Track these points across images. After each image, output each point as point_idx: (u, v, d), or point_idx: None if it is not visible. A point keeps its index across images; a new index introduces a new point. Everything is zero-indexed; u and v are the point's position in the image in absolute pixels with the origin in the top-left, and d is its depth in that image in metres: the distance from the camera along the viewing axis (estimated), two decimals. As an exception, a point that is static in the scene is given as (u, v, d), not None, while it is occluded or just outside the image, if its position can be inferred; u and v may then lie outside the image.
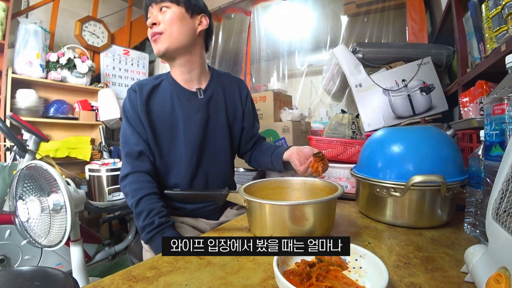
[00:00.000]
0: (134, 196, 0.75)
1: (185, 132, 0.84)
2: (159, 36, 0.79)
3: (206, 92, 0.88)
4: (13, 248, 1.47)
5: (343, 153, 1.12)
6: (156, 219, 0.71)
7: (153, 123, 0.83)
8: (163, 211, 0.73)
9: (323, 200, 0.51)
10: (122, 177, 0.80)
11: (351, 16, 2.48)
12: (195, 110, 0.85)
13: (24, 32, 2.06)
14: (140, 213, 0.73)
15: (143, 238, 0.72)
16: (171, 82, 0.87)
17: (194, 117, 0.85)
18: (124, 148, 0.83)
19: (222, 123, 0.90)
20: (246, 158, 1.03)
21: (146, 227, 0.71)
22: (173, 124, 0.84)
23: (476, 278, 0.35)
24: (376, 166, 0.65)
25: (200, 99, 0.87)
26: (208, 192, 0.61)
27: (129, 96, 0.84)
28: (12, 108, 2.07)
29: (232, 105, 0.94)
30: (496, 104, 0.43)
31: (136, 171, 0.79)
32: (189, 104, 0.85)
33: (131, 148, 0.81)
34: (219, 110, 0.90)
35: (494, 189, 0.35)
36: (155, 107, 0.83)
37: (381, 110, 1.40)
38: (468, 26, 1.07)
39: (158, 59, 3.17)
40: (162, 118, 0.83)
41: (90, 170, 1.92)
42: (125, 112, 0.84)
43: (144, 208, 0.73)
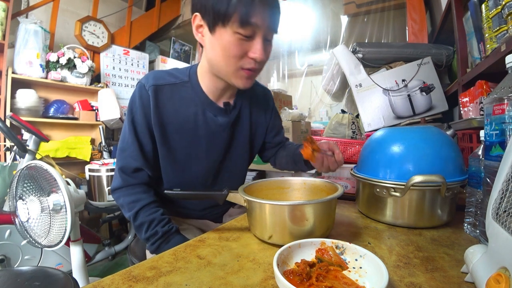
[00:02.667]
0: (131, 209, 0.69)
1: (206, 153, 0.76)
2: (256, 72, 0.67)
3: (234, 108, 0.79)
4: (13, 248, 1.47)
5: (343, 153, 1.12)
6: (159, 229, 0.67)
7: (167, 137, 0.72)
8: (165, 219, 0.69)
9: (323, 200, 0.51)
10: (113, 189, 0.72)
11: (351, 16, 2.48)
12: (221, 129, 0.76)
13: (24, 32, 2.07)
14: (141, 226, 0.68)
15: (149, 248, 0.68)
16: (197, 91, 0.74)
17: (219, 138, 0.76)
18: (119, 159, 0.72)
19: (245, 140, 0.83)
20: (272, 163, 0.96)
21: (150, 238, 0.67)
22: (193, 142, 0.74)
23: (476, 278, 0.35)
24: (376, 166, 0.65)
25: (227, 117, 0.77)
26: (208, 192, 0.61)
27: (140, 96, 0.70)
28: (12, 108, 2.07)
29: (256, 120, 0.85)
30: (496, 104, 0.43)
31: (128, 185, 0.71)
32: (215, 122, 0.75)
33: (127, 162, 0.70)
34: (245, 128, 0.82)
35: (494, 189, 0.35)
36: (173, 119, 0.72)
37: (381, 110, 1.40)
38: (468, 26, 1.07)
39: (158, 59, 3.18)
40: (180, 134, 0.73)
41: (90, 170, 1.93)
42: (132, 114, 0.71)
43: (144, 220, 0.68)
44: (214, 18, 0.60)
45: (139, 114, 0.70)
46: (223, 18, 0.59)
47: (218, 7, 0.59)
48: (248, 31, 0.60)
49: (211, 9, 0.60)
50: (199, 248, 0.52)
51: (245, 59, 0.63)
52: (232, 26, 0.59)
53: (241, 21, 0.58)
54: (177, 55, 3.50)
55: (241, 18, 0.58)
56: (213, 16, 0.60)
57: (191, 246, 0.53)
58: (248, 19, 0.58)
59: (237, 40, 0.61)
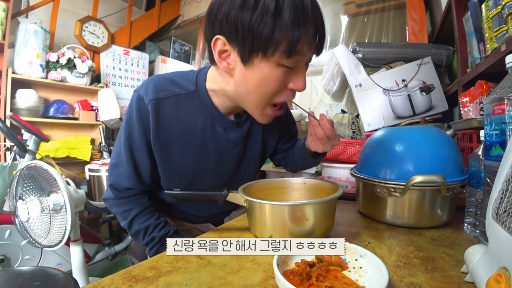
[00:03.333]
0: (125, 218, 0.66)
1: (215, 170, 0.69)
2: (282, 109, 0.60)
3: (246, 121, 0.70)
4: (13, 248, 1.47)
5: (343, 153, 1.12)
6: (156, 234, 0.65)
7: (171, 156, 0.65)
8: (160, 223, 0.67)
9: (323, 200, 0.51)
10: (105, 199, 0.69)
11: (351, 16, 2.48)
12: (232, 145, 0.69)
13: (24, 32, 2.06)
14: (137, 234, 0.66)
15: (148, 253, 0.67)
16: (205, 103, 0.64)
17: (230, 154, 0.69)
18: (111, 174, 0.67)
19: (257, 153, 0.75)
20: (283, 166, 0.91)
21: (149, 243, 0.66)
22: (201, 161, 0.67)
23: (476, 278, 0.35)
24: (376, 166, 0.65)
25: (239, 130, 0.69)
26: (208, 193, 0.61)
27: (138, 111, 0.61)
28: (12, 108, 2.07)
29: (270, 129, 0.77)
30: (496, 104, 0.43)
31: (120, 198, 0.67)
32: (226, 137, 0.67)
33: (119, 180, 0.65)
34: (257, 141, 0.74)
35: (494, 189, 0.35)
36: (178, 137, 0.63)
37: (381, 110, 1.40)
38: (468, 26, 1.07)
39: (158, 59, 3.18)
40: (186, 152, 0.65)
41: (90, 170, 1.93)
42: (128, 128, 0.63)
43: (140, 228, 0.65)
44: (252, 47, 0.47)
45: (137, 130, 0.62)
46: (267, 48, 0.47)
47: (259, 32, 0.46)
48: (295, 61, 0.50)
49: (248, 34, 0.46)
50: (199, 248, 0.52)
51: (284, 91, 0.54)
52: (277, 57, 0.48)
53: (289, 52, 0.47)
54: (177, 55, 3.50)
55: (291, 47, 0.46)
56: (251, 43, 0.47)
57: (191, 246, 0.53)
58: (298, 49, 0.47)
59: (281, 73, 0.50)
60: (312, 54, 0.53)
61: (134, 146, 0.63)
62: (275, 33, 0.45)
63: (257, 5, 0.45)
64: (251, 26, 0.46)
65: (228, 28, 0.48)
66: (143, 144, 0.63)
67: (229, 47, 0.51)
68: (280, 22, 0.45)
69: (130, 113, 0.63)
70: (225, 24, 0.48)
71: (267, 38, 0.46)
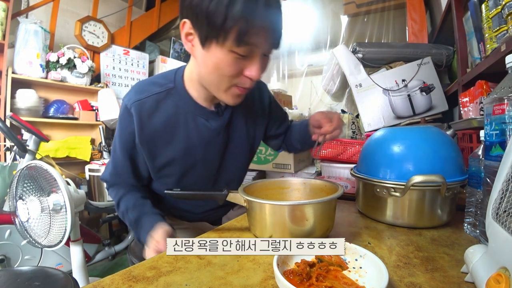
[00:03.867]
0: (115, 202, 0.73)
1: (203, 160, 0.72)
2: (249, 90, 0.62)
3: (227, 109, 0.72)
4: (13, 248, 1.47)
5: (343, 153, 1.12)
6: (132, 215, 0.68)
7: (158, 153, 0.68)
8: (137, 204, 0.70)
9: (323, 200, 0.51)
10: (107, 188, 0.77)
11: (351, 16, 2.48)
12: (215, 134, 0.71)
13: (24, 32, 2.06)
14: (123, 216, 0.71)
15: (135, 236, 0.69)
16: (184, 97, 0.68)
17: (214, 143, 0.72)
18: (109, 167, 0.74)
19: (243, 141, 0.78)
20: (284, 149, 0.94)
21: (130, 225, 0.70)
22: (188, 153, 0.70)
23: (476, 278, 0.35)
24: (376, 166, 0.65)
25: (220, 119, 0.71)
26: (208, 192, 0.61)
27: (122, 120, 0.67)
28: (12, 108, 2.07)
29: (254, 119, 0.80)
30: (496, 104, 0.43)
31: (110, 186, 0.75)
32: (208, 127, 0.70)
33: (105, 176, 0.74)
34: (240, 128, 0.76)
35: (494, 189, 0.35)
36: (163, 133, 0.67)
37: (381, 110, 1.40)
38: (468, 26, 1.07)
39: (158, 59, 3.17)
40: (172, 146, 0.68)
41: (90, 170, 1.93)
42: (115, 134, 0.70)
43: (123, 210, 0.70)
44: (208, 32, 0.52)
45: (118, 136, 0.69)
46: (218, 35, 0.51)
47: (213, 20, 0.50)
48: (245, 50, 0.53)
49: (204, 20, 0.51)
50: (199, 248, 0.52)
51: (240, 77, 0.58)
52: (227, 44, 0.52)
53: (239, 41, 0.51)
54: (177, 55, 3.50)
55: (240, 37, 0.50)
56: (206, 29, 0.52)
57: (191, 246, 0.53)
58: (248, 39, 0.51)
59: (233, 59, 0.54)
60: (267, 47, 0.56)
61: (116, 150, 0.70)
62: (226, 22, 0.49)
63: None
64: (207, 14, 0.50)
65: (191, 13, 0.53)
66: (123, 150, 0.69)
67: (192, 30, 0.55)
68: (232, 12, 0.48)
69: (120, 121, 0.69)
70: (190, 9, 0.53)
71: (219, 26, 0.50)
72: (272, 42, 0.56)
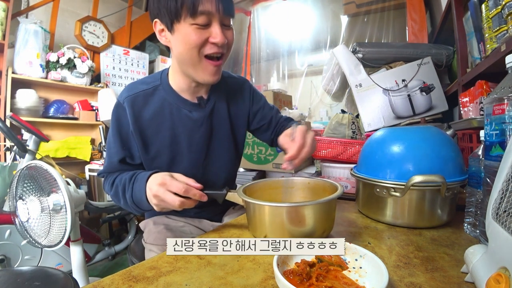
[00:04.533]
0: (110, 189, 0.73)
1: (188, 149, 0.76)
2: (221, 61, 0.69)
3: (209, 101, 0.78)
4: (13, 248, 1.47)
5: (343, 153, 1.12)
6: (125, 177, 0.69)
7: (148, 141, 0.74)
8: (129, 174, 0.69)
9: (322, 201, 0.50)
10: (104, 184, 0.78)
11: (351, 16, 2.48)
12: (198, 124, 0.77)
13: (24, 32, 2.06)
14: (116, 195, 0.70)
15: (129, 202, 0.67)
16: (168, 92, 0.75)
17: (198, 133, 0.77)
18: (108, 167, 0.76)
19: (227, 133, 0.82)
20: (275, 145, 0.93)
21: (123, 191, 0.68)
22: (174, 142, 0.75)
23: (476, 278, 0.35)
24: (376, 166, 0.65)
25: (202, 111, 0.77)
26: (207, 192, 0.61)
27: (117, 114, 0.73)
28: (12, 108, 2.07)
29: (235, 112, 0.84)
30: (496, 104, 0.43)
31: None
32: (191, 117, 0.76)
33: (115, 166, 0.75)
34: (223, 120, 0.81)
35: (494, 189, 0.35)
36: (151, 123, 0.74)
37: (381, 110, 1.40)
38: (468, 26, 1.07)
39: (158, 59, 3.17)
40: (160, 137, 0.74)
41: (90, 170, 1.93)
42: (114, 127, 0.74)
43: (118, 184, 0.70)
44: (169, 18, 0.62)
45: (111, 129, 0.74)
46: (176, 15, 0.61)
47: (168, 6, 0.61)
48: (202, 19, 0.61)
49: (164, 10, 0.62)
50: (199, 248, 0.52)
51: (207, 45, 0.64)
52: (186, 19, 0.61)
53: (191, 12, 0.60)
54: (177, 55, 3.50)
55: (190, 9, 0.60)
56: (167, 16, 0.62)
57: (191, 246, 0.53)
58: (197, 9, 0.60)
59: (195, 30, 0.62)
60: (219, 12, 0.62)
61: (110, 142, 0.76)
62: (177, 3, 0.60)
63: None
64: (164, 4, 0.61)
65: (156, 11, 0.64)
66: (116, 141, 0.74)
67: (162, 25, 0.65)
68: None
69: (115, 117, 0.75)
70: (154, 9, 0.65)
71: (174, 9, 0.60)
72: (224, 9, 0.62)
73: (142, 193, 0.62)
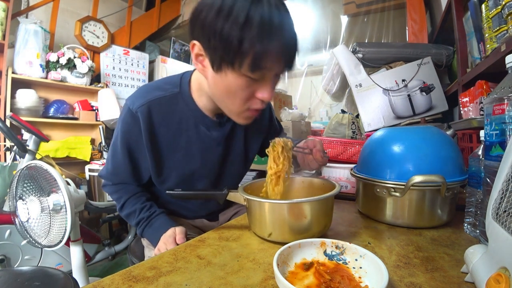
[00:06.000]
0: (118, 203, 0.74)
1: (202, 167, 0.73)
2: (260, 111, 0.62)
3: (228, 121, 0.73)
4: (13, 248, 1.47)
5: (343, 153, 1.12)
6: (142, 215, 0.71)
7: (161, 158, 0.70)
8: (146, 206, 0.72)
9: (321, 198, 0.51)
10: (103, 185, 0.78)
11: (351, 16, 2.48)
12: (216, 143, 0.72)
13: (24, 32, 2.06)
14: (128, 216, 0.73)
15: (138, 233, 0.73)
16: (189, 104, 0.68)
17: (214, 152, 0.73)
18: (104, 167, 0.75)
19: (241, 152, 0.79)
20: None
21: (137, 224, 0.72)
22: (187, 159, 0.71)
23: (476, 278, 0.35)
24: (376, 166, 0.65)
25: (221, 130, 0.72)
26: (208, 192, 0.62)
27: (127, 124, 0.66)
28: (12, 108, 2.07)
29: (253, 130, 0.80)
30: (496, 104, 0.43)
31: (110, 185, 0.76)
32: (209, 136, 0.71)
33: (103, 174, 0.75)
34: (239, 139, 0.77)
35: (494, 189, 0.35)
36: (166, 139, 0.68)
37: (381, 110, 1.40)
38: (468, 26, 1.07)
39: (158, 59, 3.17)
40: (175, 152, 0.70)
41: (90, 170, 1.93)
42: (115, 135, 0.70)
43: (130, 211, 0.72)
44: (221, 57, 0.51)
45: (120, 139, 0.68)
46: (231, 59, 0.50)
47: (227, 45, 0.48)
48: (259, 74, 0.52)
49: (218, 45, 0.49)
50: (199, 248, 0.52)
51: (252, 100, 0.57)
52: (242, 69, 0.51)
53: (254, 66, 0.50)
54: (177, 55, 3.50)
55: (255, 62, 0.49)
56: (219, 53, 0.50)
57: (191, 246, 0.53)
58: (264, 64, 0.50)
59: (246, 82, 0.53)
60: (280, 69, 0.54)
61: (117, 151, 0.70)
62: (241, 47, 0.48)
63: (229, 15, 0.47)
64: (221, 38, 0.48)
65: (202, 35, 0.52)
66: (124, 151, 0.69)
67: (203, 52, 0.54)
68: (247, 37, 0.47)
69: (119, 121, 0.70)
70: (201, 31, 0.52)
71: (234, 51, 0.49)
72: (287, 65, 0.54)
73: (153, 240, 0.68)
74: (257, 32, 0.47)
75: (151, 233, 0.70)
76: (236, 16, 0.47)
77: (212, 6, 0.49)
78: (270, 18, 0.48)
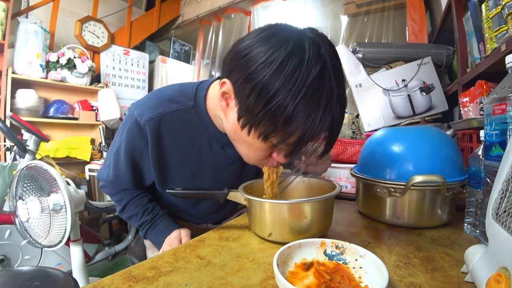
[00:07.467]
0: (119, 205, 0.74)
1: (213, 185, 0.70)
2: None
3: None
4: (13, 248, 1.47)
5: (343, 153, 1.12)
6: (145, 218, 0.71)
7: (168, 171, 0.66)
8: (148, 208, 0.72)
9: (322, 198, 0.51)
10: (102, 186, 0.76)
11: (351, 16, 2.47)
12: (229, 162, 0.68)
13: (24, 32, 2.06)
14: (130, 218, 0.73)
15: (141, 235, 0.74)
16: (204, 120, 0.63)
17: (227, 171, 0.70)
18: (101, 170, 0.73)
19: (254, 169, 0.71)
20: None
21: (140, 226, 0.72)
22: (197, 177, 0.68)
23: (476, 278, 0.35)
24: (376, 166, 0.65)
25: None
26: (208, 191, 0.61)
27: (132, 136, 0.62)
28: (12, 108, 2.07)
29: None
30: (496, 104, 0.43)
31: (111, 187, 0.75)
32: (223, 154, 0.67)
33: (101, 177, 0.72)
34: None
35: (494, 189, 0.35)
36: (175, 152, 0.64)
37: (381, 110, 1.40)
38: (468, 26, 1.07)
39: (158, 59, 3.18)
40: (183, 167, 0.66)
41: (90, 170, 1.93)
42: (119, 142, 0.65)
43: (131, 214, 0.72)
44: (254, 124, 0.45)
45: (124, 149, 0.64)
46: (268, 135, 0.44)
47: (270, 120, 0.42)
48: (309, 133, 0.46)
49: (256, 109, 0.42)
50: (199, 248, 0.52)
51: (269, 159, 0.55)
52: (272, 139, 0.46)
53: (284, 141, 0.45)
54: (177, 55, 3.50)
55: (292, 142, 0.44)
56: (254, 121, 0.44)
57: (191, 246, 0.53)
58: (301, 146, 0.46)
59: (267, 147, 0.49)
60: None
61: (119, 160, 0.67)
62: (287, 128, 0.42)
63: (288, 83, 0.39)
64: (267, 110, 0.41)
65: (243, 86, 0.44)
66: (127, 162, 0.66)
67: (233, 96, 0.48)
68: (299, 117, 0.40)
69: (123, 128, 0.64)
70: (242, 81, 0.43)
71: (273, 128, 0.43)
72: (326, 145, 0.49)
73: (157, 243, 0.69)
74: (315, 114, 0.40)
75: (154, 235, 0.70)
76: (298, 88, 0.39)
77: (269, 61, 0.40)
78: (330, 93, 0.41)
